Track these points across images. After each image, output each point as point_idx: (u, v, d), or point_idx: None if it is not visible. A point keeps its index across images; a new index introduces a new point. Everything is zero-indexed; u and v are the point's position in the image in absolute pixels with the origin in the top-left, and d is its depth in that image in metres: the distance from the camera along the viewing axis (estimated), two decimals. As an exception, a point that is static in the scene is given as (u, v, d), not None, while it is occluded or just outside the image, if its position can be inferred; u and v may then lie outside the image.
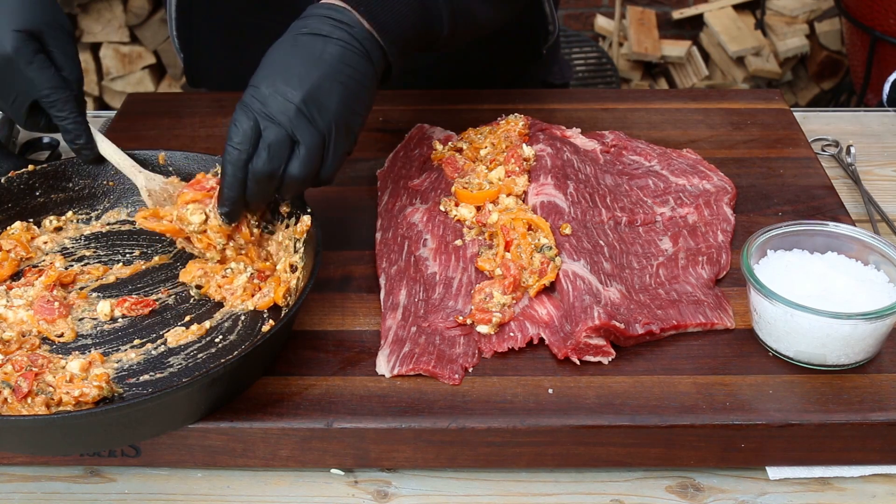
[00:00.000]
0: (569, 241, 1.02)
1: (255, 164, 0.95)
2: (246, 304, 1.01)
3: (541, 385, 0.92)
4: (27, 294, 1.01)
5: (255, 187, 0.97)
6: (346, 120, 0.97)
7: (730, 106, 1.39)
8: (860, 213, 1.23)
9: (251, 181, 0.96)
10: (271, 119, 0.94)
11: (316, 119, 0.94)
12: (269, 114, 0.94)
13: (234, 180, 0.97)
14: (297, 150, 0.95)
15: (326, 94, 0.95)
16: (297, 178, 0.96)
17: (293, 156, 0.95)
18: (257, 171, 0.95)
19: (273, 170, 0.95)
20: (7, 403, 0.86)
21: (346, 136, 0.97)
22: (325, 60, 0.95)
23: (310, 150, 0.95)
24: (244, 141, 0.94)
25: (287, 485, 0.91)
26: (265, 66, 0.97)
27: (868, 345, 0.92)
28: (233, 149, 0.95)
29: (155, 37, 3.17)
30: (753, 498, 0.90)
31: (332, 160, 0.97)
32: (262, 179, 0.95)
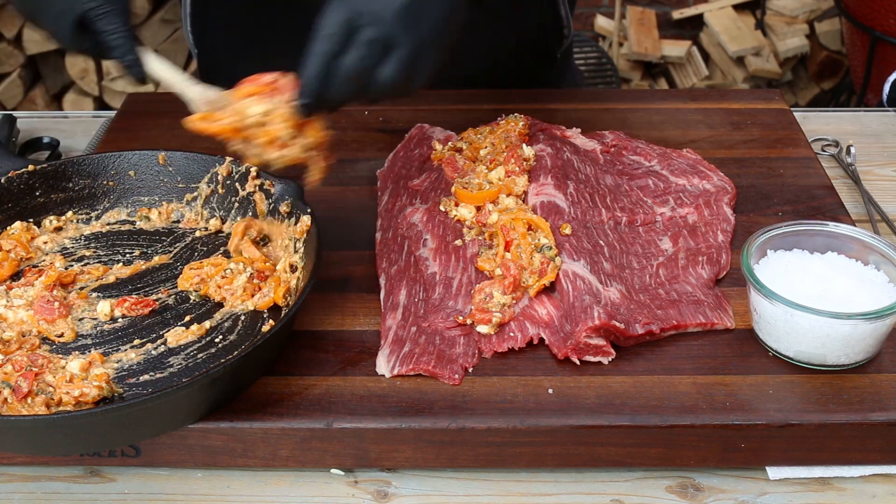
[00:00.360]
0: (569, 241, 1.02)
1: (346, 60, 0.91)
2: (246, 305, 1.01)
3: (541, 385, 0.92)
4: (27, 294, 1.01)
5: (341, 84, 0.92)
6: (442, 35, 0.94)
7: (730, 106, 1.39)
8: (860, 213, 1.23)
9: (338, 77, 0.92)
10: (372, 16, 0.90)
11: (416, 26, 0.91)
12: (370, 10, 0.90)
13: (317, 71, 0.92)
14: (392, 53, 0.91)
15: (428, 6, 0.92)
16: (388, 83, 0.92)
17: (387, 59, 0.91)
18: (348, 67, 0.91)
19: (364, 68, 0.91)
20: (7, 403, 0.86)
21: (438, 51, 0.94)
22: None
23: (408, 54, 0.91)
24: (335, 34, 0.90)
25: (287, 485, 0.91)
26: None
27: (868, 345, 0.92)
28: (321, 40, 0.91)
29: (155, 37, 3.17)
30: (753, 498, 0.90)
31: (422, 72, 0.94)
32: (351, 77, 0.91)
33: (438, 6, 0.93)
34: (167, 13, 3.16)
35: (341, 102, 0.96)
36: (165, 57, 1.19)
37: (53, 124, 1.48)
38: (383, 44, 0.91)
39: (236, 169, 1.12)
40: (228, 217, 1.13)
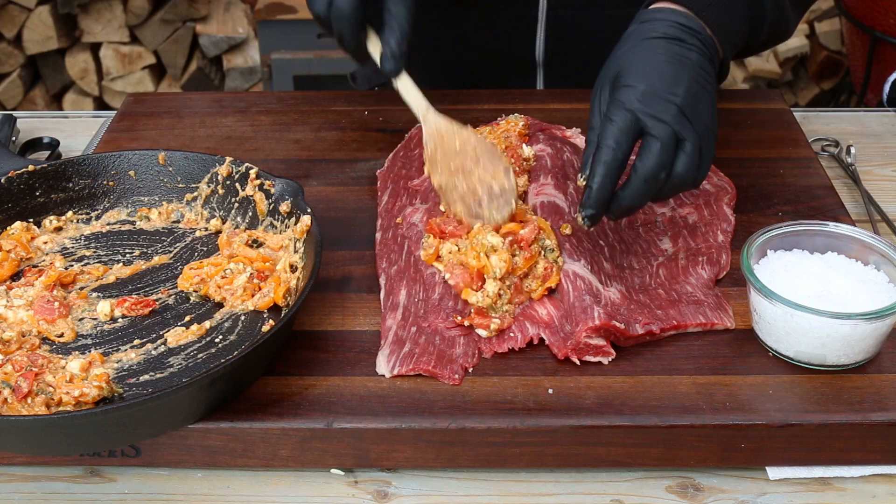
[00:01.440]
0: (569, 241, 1.02)
1: (645, 161, 0.91)
2: (246, 305, 1.01)
3: (541, 385, 0.92)
4: (27, 294, 1.01)
5: (640, 187, 0.92)
6: (713, 123, 0.95)
7: (730, 106, 1.39)
8: (860, 213, 1.23)
9: (637, 180, 0.92)
10: (656, 117, 0.91)
11: (695, 120, 0.93)
12: (653, 112, 0.91)
13: (607, 181, 0.92)
14: (682, 148, 0.92)
15: (699, 98, 0.94)
16: (684, 177, 0.93)
17: (679, 154, 0.92)
18: (648, 167, 0.91)
19: (662, 167, 0.92)
20: (7, 403, 0.86)
21: (713, 139, 0.96)
22: (689, 65, 0.95)
23: (695, 148, 0.92)
24: (623, 140, 0.91)
25: (287, 485, 0.91)
26: (631, 66, 0.95)
27: (868, 345, 0.92)
28: (610, 147, 0.91)
29: (155, 37, 3.17)
30: (753, 498, 0.90)
31: (706, 163, 0.95)
32: (650, 178, 0.92)
33: (706, 99, 0.95)
34: (167, 13, 3.16)
35: (633, 208, 0.96)
36: (166, 56, 1.19)
37: (53, 124, 1.48)
38: (675, 141, 0.92)
39: (236, 169, 1.12)
40: (228, 217, 1.13)
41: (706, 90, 0.95)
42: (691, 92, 0.93)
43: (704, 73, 0.96)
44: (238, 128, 1.37)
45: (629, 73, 0.94)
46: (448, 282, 0.99)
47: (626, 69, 0.95)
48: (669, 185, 0.94)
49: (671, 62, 0.94)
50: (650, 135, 0.92)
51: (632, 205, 0.95)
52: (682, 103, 0.92)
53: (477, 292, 0.96)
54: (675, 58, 0.95)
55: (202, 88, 3.22)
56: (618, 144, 0.91)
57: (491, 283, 0.96)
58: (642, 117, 0.92)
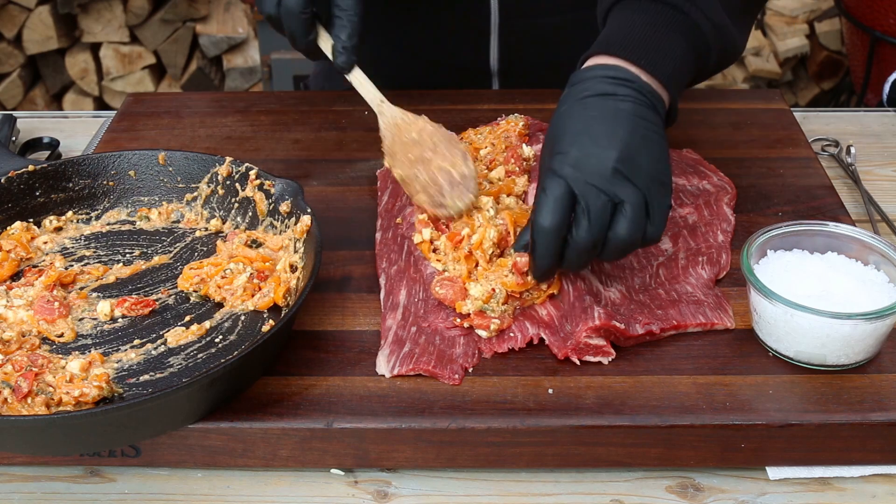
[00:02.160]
0: (569, 241, 1.02)
1: (577, 233, 0.89)
2: (246, 304, 1.01)
3: (541, 385, 0.92)
4: (27, 294, 1.01)
5: (575, 257, 0.91)
6: (660, 174, 0.91)
7: (730, 106, 1.39)
8: (860, 213, 1.23)
9: (571, 251, 0.91)
10: (588, 183, 0.88)
11: (634, 177, 0.89)
12: (585, 178, 0.89)
13: (547, 251, 0.91)
14: (621, 210, 0.89)
15: (637, 152, 0.90)
16: (625, 240, 0.90)
17: (618, 217, 0.89)
18: (580, 240, 0.89)
19: (596, 237, 0.89)
20: (7, 403, 0.86)
21: (663, 190, 0.92)
22: (622, 118, 0.91)
23: (635, 208, 0.89)
24: (557, 209, 0.89)
25: (287, 485, 0.91)
26: (563, 131, 0.92)
27: (868, 345, 0.92)
28: (545, 219, 0.89)
29: (155, 37, 3.17)
30: (753, 498, 0.90)
31: (658, 217, 0.91)
32: (584, 249, 0.90)
33: (646, 151, 0.91)
34: (167, 13, 3.16)
35: (577, 270, 0.97)
36: (166, 56, 1.19)
37: (53, 124, 1.48)
38: (609, 206, 0.89)
39: (236, 169, 1.12)
40: (228, 217, 1.13)
41: (648, 139, 0.91)
42: (629, 148, 0.89)
43: (644, 121, 0.92)
44: (238, 128, 1.37)
45: (562, 140, 0.92)
46: (439, 294, 0.99)
47: (559, 135, 0.92)
48: (611, 249, 0.91)
49: (604, 120, 0.91)
50: (580, 205, 0.89)
51: (574, 270, 0.97)
52: (617, 160, 0.88)
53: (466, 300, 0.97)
54: (609, 114, 0.91)
55: (202, 88, 3.22)
56: (553, 215, 0.89)
57: (475, 287, 0.97)
58: (574, 184, 0.89)
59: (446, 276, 1.00)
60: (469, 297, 0.97)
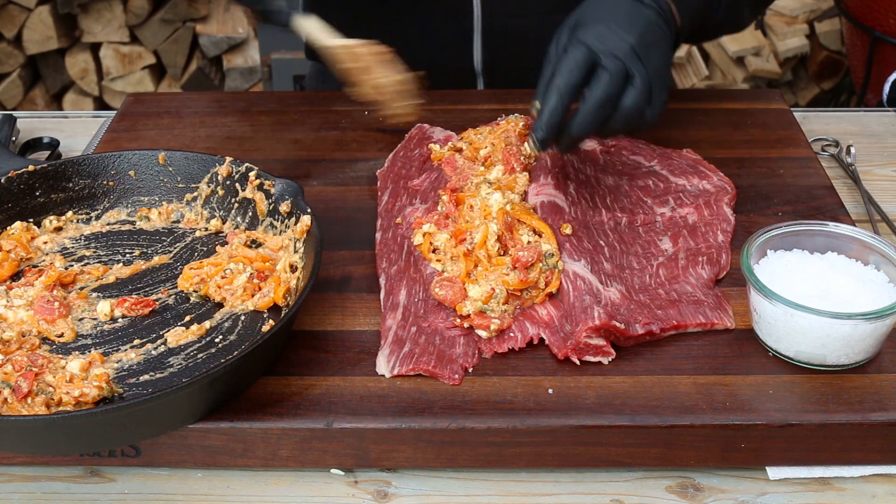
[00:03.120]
0: (569, 241, 1.02)
1: (594, 89, 0.98)
2: (246, 304, 1.01)
3: (541, 385, 0.92)
4: (27, 294, 1.01)
5: (588, 114, 0.99)
6: (664, 73, 1.03)
7: (730, 106, 1.39)
8: (860, 213, 1.23)
9: (586, 108, 0.99)
10: (609, 52, 0.99)
11: (647, 61, 1.00)
12: (607, 47, 0.99)
13: (559, 105, 0.99)
14: (631, 83, 0.99)
15: (651, 45, 1.01)
16: (632, 109, 0.99)
17: (628, 89, 0.99)
18: (596, 96, 0.98)
19: (610, 96, 0.98)
20: (7, 403, 0.86)
21: (664, 86, 1.03)
22: (644, 19, 1.03)
23: (644, 83, 0.99)
24: (577, 69, 0.98)
25: (287, 485, 0.91)
26: (591, 14, 1.03)
27: (868, 345, 0.92)
28: (564, 75, 0.98)
29: (155, 37, 3.17)
30: (753, 498, 0.90)
31: (657, 103, 1.02)
32: (598, 106, 0.98)
33: (658, 48, 1.03)
34: (167, 13, 3.16)
35: (580, 136, 1.03)
36: (166, 56, 1.19)
37: (53, 124, 1.48)
38: (624, 75, 0.99)
39: (236, 169, 1.12)
40: (228, 217, 1.13)
41: (661, 43, 1.03)
42: (645, 38, 1.01)
43: (660, 29, 1.04)
44: (238, 128, 1.37)
45: (588, 18, 1.03)
46: (439, 295, 0.99)
47: (586, 16, 1.03)
48: (617, 117, 1.00)
49: (629, 12, 1.03)
50: (601, 66, 0.99)
51: (580, 132, 1.01)
52: (635, 43, 0.99)
53: (465, 301, 0.97)
54: (633, 10, 1.03)
55: (202, 88, 3.22)
56: (570, 73, 0.98)
57: (473, 289, 0.97)
58: (596, 52, 0.99)
59: (446, 276, 1.00)
60: (469, 299, 0.97)
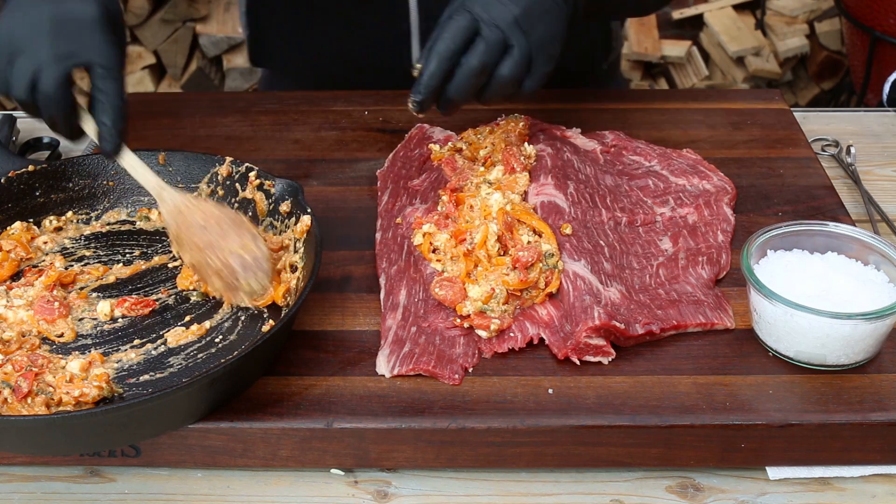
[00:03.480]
0: (569, 241, 1.02)
1: (470, 57, 1.00)
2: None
3: (541, 385, 0.92)
4: (27, 294, 1.01)
5: (462, 80, 1.01)
6: (549, 43, 1.04)
7: (730, 106, 1.39)
8: (860, 213, 1.23)
9: (461, 74, 1.01)
10: (491, 21, 1.00)
11: (529, 32, 1.01)
12: (490, 16, 1.00)
13: (438, 69, 1.01)
14: (510, 53, 1.01)
15: (537, 18, 1.03)
16: (507, 78, 1.02)
17: (505, 58, 1.01)
18: (472, 63, 1.00)
19: (485, 64, 1.01)
20: (7, 403, 0.86)
21: (548, 58, 1.04)
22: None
23: (523, 54, 1.01)
24: (458, 35, 1.00)
25: (287, 485, 0.91)
26: None
27: (868, 345, 0.92)
28: (445, 41, 1.00)
29: (155, 37, 3.17)
30: (753, 498, 0.90)
31: (536, 74, 1.04)
32: (473, 73, 1.01)
33: (544, 20, 1.03)
34: (167, 13, 3.15)
35: (457, 101, 1.04)
36: (166, 56, 1.19)
37: (53, 124, 1.48)
38: (502, 45, 1.01)
39: (236, 169, 1.12)
40: (228, 217, 1.13)
41: (550, 15, 1.04)
42: (532, 10, 1.02)
43: (551, 3, 1.04)
44: (238, 128, 1.37)
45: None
46: (439, 295, 0.99)
47: None
48: (493, 85, 1.03)
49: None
50: (480, 35, 1.00)
51: (456, 97, 1.03)
52: (519, 14, 1.01)
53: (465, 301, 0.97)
54: None
55: (202, 88, 3.22)
56: (451, 39, 1.00)
57: (473, 289, 0.97)
58: (479, 20, 1.00)
59: (446, 276, 1.00)
60: (469, 299, 0.97)
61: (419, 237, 1.05)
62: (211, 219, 1.00)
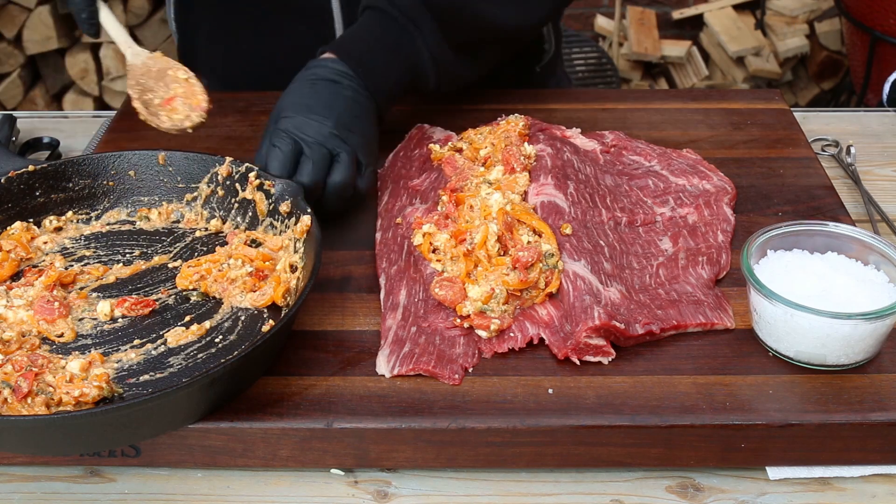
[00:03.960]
0: (569, 241, 1.02)
1: (301, 176, 1.07)
2: (245, 299, 1.01)
3: (541, 385, 0.92)
4: (27, 294, 1.01)
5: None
6: (368, 145, 1.13)
7: (730, 106, 1.39)
8: (860, 213, 1.23)
9: None
10: (312, 139, 1.08)
11: (346, 139, 1.10)
12: (309, 135, 1.09)
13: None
14: (338, 160, 1.09)
15: (350, 123, 1.11)
16: (341, 184, 1.09)
17: (335, 166, 1.09)
18: (304, 182, 1.07)
19: (318, 179, 1.08)
20: (7, 403, 0.86)
21: (371, 156, 1.14)
22: (342, 99, 1.13)
23: (349, 158, 1.09)
24: (285, 160, 1.08)
25: (287, 485, 0.91)
26: (290, 102, 1.12)
27: (868, 345, 0.92)
28: (274, 168, 1.08)
29: (155, 37, 3.17)
30: (753, 498, 0.90)
31: (366, 173, 1.13)
32: (310, 188, 1.07)
33: (358, 125, 1.12)
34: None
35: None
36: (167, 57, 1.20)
37: (53, 124, 1.48)
38: (328, 158, 1.09)
39: (236, 169, 1.12)
40: (228, 217, 1.13)
41: (361, 118, 1.13)
42: (343, 120, 1.11)
43: (358, 105, 1.14)
44: (238, 128, 1.37)
45: (289, 108, 1.11)
46: (439, 295, 0.99)
47: (288, 105, 1.12)
48: (331, 194, 1.10)
49: (323, 98, 1.12)
50: (306, 155, 1.08)
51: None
52: (333, 127, 1.09)
53: (465, 301, 0.97)
54: (329, 95, 1.13)
55: (202, 88, 3.21)
56: (282, 164, 1.08)
57: (473, 289, 0.97)
58: (300, 141, 1.09)
59: (446, 276, 1.00)
60: (469, 299, 0.97)
61: (419, 237, 1.05)
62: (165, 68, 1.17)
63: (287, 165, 1.08)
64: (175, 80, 1.15)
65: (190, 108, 1.13)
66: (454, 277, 0.99)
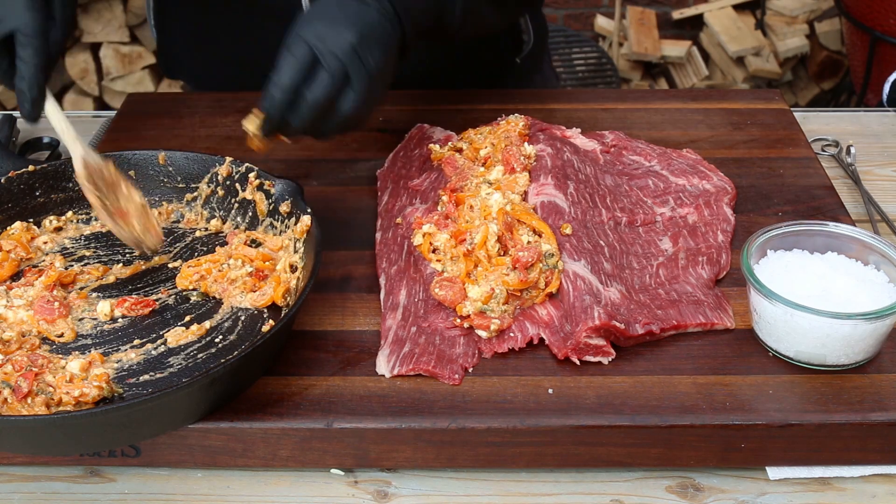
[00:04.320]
0: (569, 241, 1.02)
1: (314, 89, 1.00)
2: (245, 298, 1.01)
3: (541, 385, 0.92)
4: (27, 294, 1.01)
5: (307, 113, 1.02)
6: (384, 71, 1.04)
7: (730, 106, 1.39)
8: (860, 213, 1.23)
9: (306, 107, 1.01)
10: (331, 52, 1.00)
11: (366, 62, 1.02)
12: (329, 47, 1.00)
13: (281, 103, 1.01)
14: (350, 87, 1.02)
15: (373, 44, 1.03)
16: (349, 115, 1.02)
17: (346, 92, 1.02)
18: (316, 97, 1.01)
19: (329, 97, 1.01)
20: (7, 403, 0.86)
21: (383, 87, 1.06)
22: (367, 20, 1.04)
23: (364, 85, 1.02)
24: (298, 68, 1.00)
25: (287, 485, 0.91)
26: (314, 13, 1.04)
27: (868, 345, 0.92)
28: (285, 73, 1.00)
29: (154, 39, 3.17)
30: (753, 498, 0.90)
31: (372, 106, 1.05)
32: (315, 108, 1.01)
33: (379, 49, 1.04)
34: (167, 13, 3.15)
35: (300, 130, 1.05)
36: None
37: (53, 124, 1.48)
38: (344, 76, 1.01)
39: (236, 169, 1.12)
40: (228, 217, 1.13)
41: (382, 43, 1.04)
42: (368, 38, 1.02)
43: (383, 30, 1.04)
44: (238, 128, 1.36)
45: (309, 16, 1.03)
46: (439, 296, 0.99)
47: (311, 16, 1.04)
48: (336, 120, 1.03)
49: (349, 14, 1.03)
50: (321, 66, 1.00)
51: (297, 125, 1.04)
52: (357, 43, 1.01)
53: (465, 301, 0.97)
54: (354, 13, 1.03)
55: (202, 88, 3.21)
56: (292, 70, 1.00)
57: (473, 289, 0.97)
58: (317, 51, 1.00)
59: (446, 276, 1.00)
60: (469, 299, 0.97)
61: (419, 237, 1.05)
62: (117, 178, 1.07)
63: (299, 74, 1.01)
64: (129, 200, 1.06)
65: (145, 231, 1.05)
66: (454, 277, 0.99)
